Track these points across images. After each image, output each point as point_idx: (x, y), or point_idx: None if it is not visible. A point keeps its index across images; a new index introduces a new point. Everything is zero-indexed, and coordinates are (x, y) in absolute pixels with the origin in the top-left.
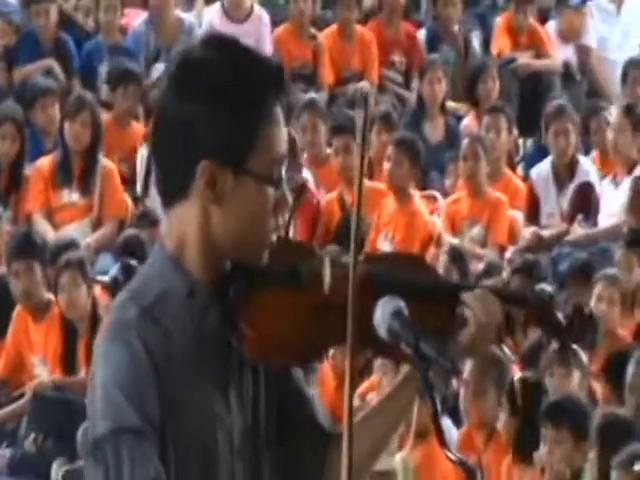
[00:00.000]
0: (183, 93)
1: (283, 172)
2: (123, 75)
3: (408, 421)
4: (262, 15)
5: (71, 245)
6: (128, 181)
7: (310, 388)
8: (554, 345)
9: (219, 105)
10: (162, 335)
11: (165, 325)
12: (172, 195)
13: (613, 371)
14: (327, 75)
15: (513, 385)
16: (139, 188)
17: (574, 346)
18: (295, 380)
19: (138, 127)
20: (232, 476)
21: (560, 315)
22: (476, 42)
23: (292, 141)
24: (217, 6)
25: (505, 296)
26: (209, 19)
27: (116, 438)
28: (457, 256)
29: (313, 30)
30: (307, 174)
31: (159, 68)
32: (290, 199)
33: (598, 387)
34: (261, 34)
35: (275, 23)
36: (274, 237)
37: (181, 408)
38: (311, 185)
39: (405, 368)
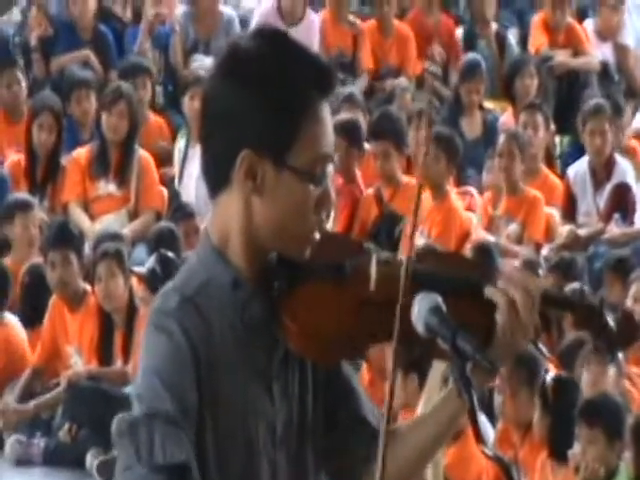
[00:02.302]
0: (229, 81)
1: (328, 169)
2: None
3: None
4: (314, 19)
5: (115, 237)
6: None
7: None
8: (592, 343)
9: (263, 96)
10: (203, 323)
11: (206, 314)
12: (216, 185)
13: None
14: (367, 60)
15: (545, 384)
16: (176, 180)
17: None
18: (344, 377)
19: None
20: (274, 467)
21: (610, 319)
22: (512, 39)
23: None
24: (269, 6)
25: (553, 299)
26: (260, 19)
27: (150, 422)
28: (483, 252)
29: (352, 17)
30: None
31: (197, 59)
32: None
33: (632, 389)
34: (311, 38)
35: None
36: (317, 233)
37: (221, 396)
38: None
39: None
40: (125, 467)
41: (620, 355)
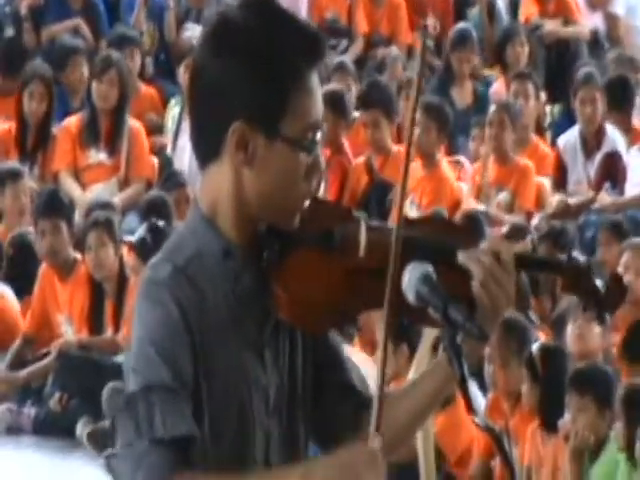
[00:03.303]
0: (218, 52)
1: (318, 137)
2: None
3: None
4: None
5: (106, 206)
6: None
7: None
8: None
9: (252, 67)
10: (195, 293)
11: (199, 283)
12: (206, 155)
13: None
14: (362, 24)
15: (532, 354)
16: (169, 149)
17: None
18: (332, 345)
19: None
20: (267, 434)
21: (597, 282)
22: (502, 7)
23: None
24: None
25: (539, 262)
26: None
27: (148, 394)
28: (472, 221)
29: None
30: None
31: (189, 28)
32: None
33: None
34: (297, 5)
35: None
36: (306, 202)
37: (215, 365)
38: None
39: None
40: (126, 444)
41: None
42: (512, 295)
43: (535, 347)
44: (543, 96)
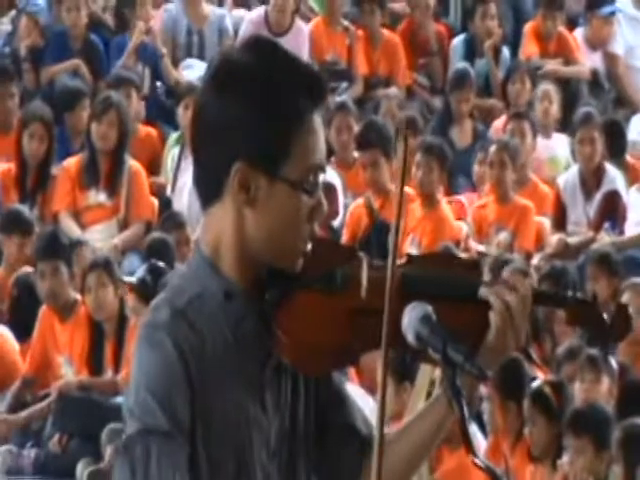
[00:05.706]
0: (220, 92)
1: (320, 179)
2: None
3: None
4: (302, 28)
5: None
6: None
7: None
8: (586, 350)
9: (254, 109)
10: (195, 336)
11: (198, 327)
12: (208, 196)
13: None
14: (361, 65)
15: (544, 392)
16: (168, 190)
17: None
18: (335, 385)
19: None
20: (267, 476)
21: (604, 314)
22: (507, 53)
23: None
24: (258, 15)
25: (545, 296)
26: (248, 27)
27: (145, 439)
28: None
29: (346, 22)
30: (334, 177)
31: (190, 65)
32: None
33: None
34: (300, 47)
35: None
36: (309, 244)
37: (213, 407)
38: (338, 189)
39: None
40: None
41: (614, 362)
42: (522, 338)
43: (539, 385)
44: None
